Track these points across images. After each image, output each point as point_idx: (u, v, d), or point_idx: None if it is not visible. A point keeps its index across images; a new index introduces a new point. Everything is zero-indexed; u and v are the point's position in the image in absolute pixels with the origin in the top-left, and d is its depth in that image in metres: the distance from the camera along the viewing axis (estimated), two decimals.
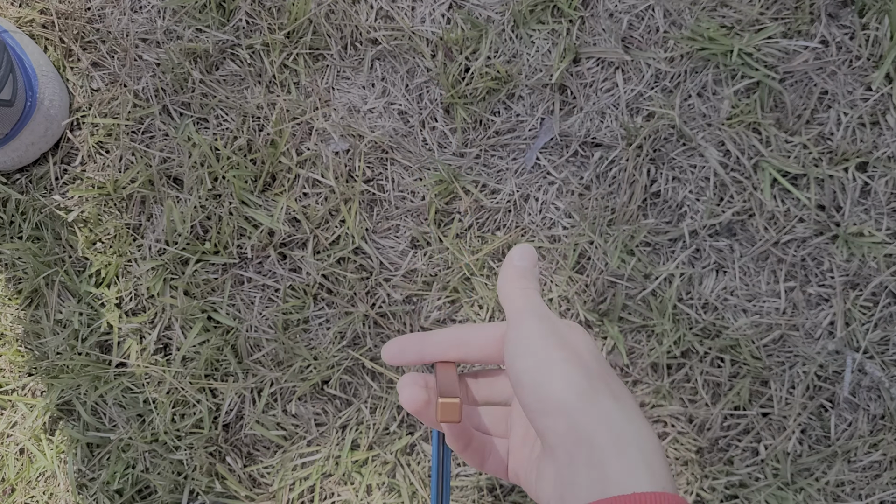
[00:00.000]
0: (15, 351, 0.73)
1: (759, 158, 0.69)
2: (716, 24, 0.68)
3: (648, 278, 0.69)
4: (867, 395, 0.69)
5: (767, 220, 0.69)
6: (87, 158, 0.73)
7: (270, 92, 0.71)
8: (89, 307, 0.72)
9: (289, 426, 0.70)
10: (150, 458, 0.71)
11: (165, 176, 0.71)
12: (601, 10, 0.70)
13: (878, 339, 0.69)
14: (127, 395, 0.71)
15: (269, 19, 0.71)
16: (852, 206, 0.68)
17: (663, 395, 0.69)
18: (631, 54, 0.69)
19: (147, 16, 0.72)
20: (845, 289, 0.69)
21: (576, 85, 0.70)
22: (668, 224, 0.70)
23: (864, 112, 0.68)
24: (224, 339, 0.70)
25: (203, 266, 0.71)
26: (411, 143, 0.71)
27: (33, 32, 0.73)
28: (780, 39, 0.68)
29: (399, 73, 0.71)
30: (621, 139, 0.69)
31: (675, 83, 0.69)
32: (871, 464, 0.69)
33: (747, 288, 0.69)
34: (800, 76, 0.69)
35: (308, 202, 0.71)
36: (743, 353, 0.68)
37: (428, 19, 0.70)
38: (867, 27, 0.68)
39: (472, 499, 0.69)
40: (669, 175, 0.70)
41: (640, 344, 0.69)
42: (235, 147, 0.71)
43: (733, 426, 0.69)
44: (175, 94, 0.72)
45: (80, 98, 0.73)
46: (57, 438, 0.72)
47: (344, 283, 0.70)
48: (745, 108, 0.68)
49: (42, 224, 0.73)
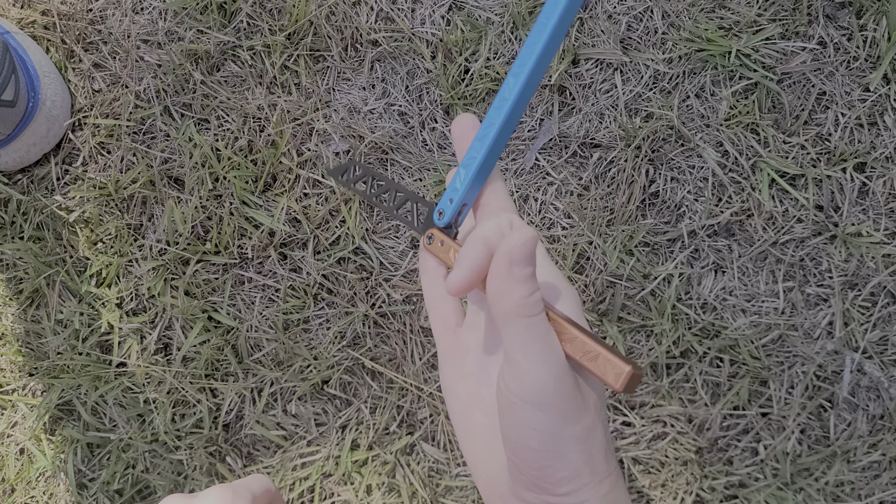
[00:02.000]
0: (16, 351, 0.73)
1: (758, 159, 0.69)
2: (714, 26, 0.69)
3: (647, 278, 0.69)
4: (866, 395, 0.69)
5: (766, 221, 0.69)
6: (88, 159, 0.73)
7: (271, 93, 0.72)
8: (90, 307, 0.72)
9: (289, 426, 0.70)
10: (150, 459, 0.71)
11: (166, 176, 0.72)
12: (600, 12, 0.70)
13: (876, 338, 0.69)
14: (127, 395, 0.71)
15: (270, 21, 0.71)
16: (850, 206, 0.69)
17: (662, 395, 0.69)
18: (629, 55, 0.70)
19: (148, 17, 0.73)
20: (844, 289, 0.69)
21: (575, 86, 0.70)
22: (667, 224, 0.70)
23: (861, 113, 0.68)
24: (224, 339, 0.71)
25: (204, 266, 0.71)
26: (411, 143, 0.71)
27: (35, 34, 0.73)
28: (777, 41, 0.69)
29: (399, 74, 0.71)
30: (620, 140, 0.70)
31: (674, 84, 0.70)
32: (870, 464, 0.69)
33: (746, 288, 0.69)
34: (798, 77, 0.69)
35: (308, 202, 0.71)
36: (742, 353, 0.68)
37: (428, 21, 0.71)
38: (865, 28, 0.68)
39: (471, 499, 0.69)
40: (668, 175, 0.70)
41: (640, 344, 0.69)
42: (236, 148, 0.71)
43: (732, 426, 0.69)
44: (176, 95, 0.72)
45: (82, 99, 0.73)
46: (57, 438, 0.72)
47: (344, 284, 0.70)
48: (743, 108, 0.69)
49: (43, 224, 0.73)
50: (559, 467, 0.30)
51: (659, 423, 0.70)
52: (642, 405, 0.70)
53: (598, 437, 0.31)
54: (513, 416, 0.31)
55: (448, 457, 0.70)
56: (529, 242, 0.30)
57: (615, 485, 0.31)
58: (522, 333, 0.30)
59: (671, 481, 0.69)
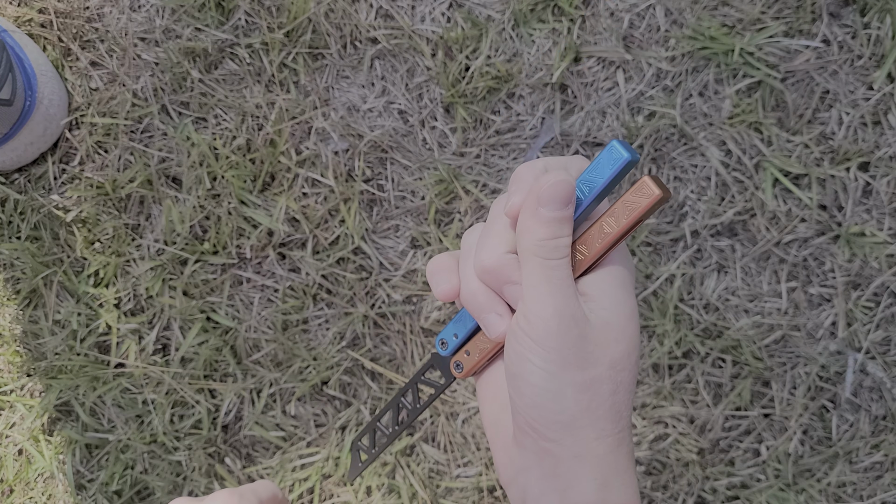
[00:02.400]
0: (13, 351, 0.73)
1: (761, 158, 0.68)
2: (717, 24, 0.68)
3: (650, 278, 0.69)
4: (869, 396, 0.69)
5: (769, 220, 0.68)
6: (85, 158, 0.72)
7: (269, 91, 0.71)
8: (88, 307, 0.71)
9: (288, 427, 0.70)
10: (148, 459, 0.71)
11: (164, 175, 0.71)
12: (602, 9, 0.70)
13: (879, 339, 0.68)
14: (125, 395, 0.71)
15: (269, 18, 0.70)
16: (854, 205, 0.68)
17: (664, 395, 0.69)
18: (632, 53, 0.69)
19: (146, 15, 0.72)
20: (847, 289, 0.68)
21: (577, 84, 0.70)
22: (670, 224, 0.69)
23: (865, 111, 0.68)
24: (223, 339, 0.70)
25: (202, 266, 0.71)
26: (411, 142, 0.71)
27: (32, 32, 0.72)
28: (781, 39, 0.68)
29: (399, 72, 0.71)
30: (622, 138, 0.69)
31: (677, 82, 0.69)
32: (872, 465, 0.69)
33: (749, 288, 0.69)
34: (801, 75, 0.68)
35: (307, 202, 0.70)
36: (744, 353, 0.68)
37: (428, 18, 0.70)
38: (869, 26, 0.68)
39: (471, 500, 0.69)
40: (671, 174, 0.69)
41: (642, 344, 0.69)
42: (234, 146, 0.70)
43: (735, 427, 0.69)
44: (174, 94, 0.72)
45: (79, 97, 0.72)
46: (55, 439, 0.72)
47: (343, 284, 0.70)
48: (746, 107, 0.68)
49: (40, 224, 0.72)
50: (555, 409, 0.30)
51: (661, 424, 0.69)
52: (644, 406, 0.69)
53: (604, 393, 0.31)
54: (517, 349, 0.31)
55: (448, 458, 0.69)
56: (558, 185, 0.30)
57: (617, 449, 0.31)
58: (537, 273, 0.31)
59: (673, 482, 0.69)
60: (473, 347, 0.36)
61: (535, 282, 0.31)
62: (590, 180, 0.32)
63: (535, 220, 0.31)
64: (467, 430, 0.70)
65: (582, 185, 0.32)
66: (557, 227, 0.31)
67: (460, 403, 0.70)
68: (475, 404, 0.70)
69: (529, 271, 0.31)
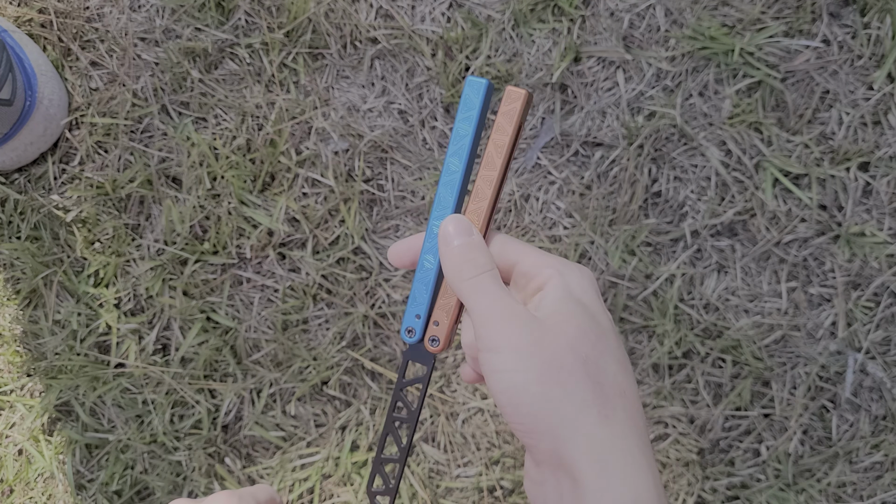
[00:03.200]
0: (13, 351, 0.73)
1: (761, 158, 0.68)
2: (717, 24, 0.68)
3: (650, 278, 0.69)
4: (869, 396, 0.69)
5: (769, 220, 0.68)
6: (85, 158, 0.72)
7: (269, 91, 0.71)
8: (88, 307, 0.71)
9: (288, 427, 0.70)
10: (148, 459, 0.71)
11: (164, 175, 0.71)
12: (602, 9, 0.70)
13: (879, 339, 0.68)
14: (125, 395, 0.71)
15: (269, 18, 0.70)
16: (854, 205, 0.68)
17: (664, 395, 0.69)
18: (632, 53, 0.69)
19: (146, 15, 0.72)
20: (847, 289, 0.68)
21: (576, 84, 0.70)
22: (670, 224, 0.69)
23: (865, 111, 0.68)
24: (223, 339, 0.70)
25: (202, 266, 0.71)
26: (411, 142, 0.71)
27: (32, 32, 0.72)
28: (781, 39, 0.68)
29: (399, 72, 0.71)
30: (622, 139, 0.69)
31: (677, 82, 0.69)
32: (872, 465, 0.69)
33: (749, 288, 0.69)
34: (801, 75, 0.68)
35: (307, 202, 0.70)
36: (744, 353, 0.68)
37: (428, 18, 0.70)
38: (869, 26, 0.68)
39: (471, 500, 0.69)
40: (671, 175, 0.69)
41: (642, 345, 0.69)
42: (234, 146, 0.70)
43: (735, 427, 0.69)
44: (174, 94, 0.72)
45: (79, 97, 0.72)
46: (55, 439, 0.72)
47: (343, 284, 0.70)
48: (746, 107, 0.68)
49: (40, 224, 0.72)
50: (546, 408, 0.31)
51: (660, 423, 0.69)
52: (644, 406, 0.69)
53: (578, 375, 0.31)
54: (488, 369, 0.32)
55: (448, 458, 0.69)
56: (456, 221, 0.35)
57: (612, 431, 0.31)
58: (470, 293, 0.34)
59: (673, 482, 0.69)
60: (440, 313, 0.36)
61: (472, 302, 0.33)
62: (467, 117, 0.36)
63: (449, 256, 0.34)
64: (467, 430, 0.70)
65: (463, 124, 0.36)
66: (468, 251, 0.34)
67: (460, 403, 0.70)
68: (475, 404, 0.70)
69: (465, 297, 0.33)
